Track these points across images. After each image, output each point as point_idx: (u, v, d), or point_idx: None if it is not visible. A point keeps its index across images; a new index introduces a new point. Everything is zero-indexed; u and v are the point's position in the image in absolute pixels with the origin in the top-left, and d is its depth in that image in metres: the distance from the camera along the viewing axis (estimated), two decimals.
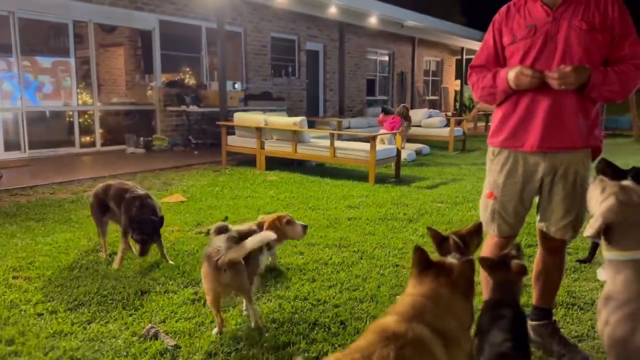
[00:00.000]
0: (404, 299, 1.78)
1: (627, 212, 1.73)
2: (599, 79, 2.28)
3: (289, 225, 3.30)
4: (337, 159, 8.08)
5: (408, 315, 1.64)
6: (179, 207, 5.79)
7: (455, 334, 1.68)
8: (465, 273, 1.85)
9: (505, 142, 2.54)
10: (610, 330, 1.72)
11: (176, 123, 11.17)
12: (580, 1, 2.37)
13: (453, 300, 1.76)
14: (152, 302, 3.21)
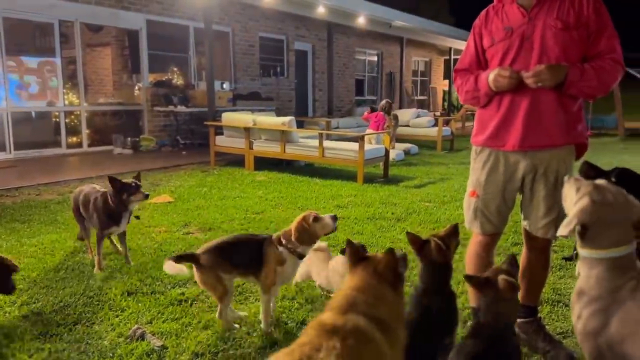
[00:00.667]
0: (337, 294, 1.82)
1: (601, 212, 1.75)
2: (576, 76, 2.31)
3: (317, 222, 2.87)
4: (325, 159, 8.08)
5: (342, 308, 1.69)
6: (167, 207, 5.76)
7: (389, 322, 1.72)
8: (390, 265, 1.86)
9: (488, 142, 2.57)
10: (582, 325, 1.75)
11: (164, 123, 11.11)
12: (554, 0, 2.40)
13: (381, 290, 1.80)
14: (138, 302, 3.19)
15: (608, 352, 1.69)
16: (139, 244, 4.40)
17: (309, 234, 2.85)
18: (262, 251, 2.86)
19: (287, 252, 2.83)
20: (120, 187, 3.69)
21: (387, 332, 1.68)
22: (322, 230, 2.89)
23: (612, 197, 1.78)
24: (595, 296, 1.74)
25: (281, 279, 2.88)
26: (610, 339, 1.68)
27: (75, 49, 9.94)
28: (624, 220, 1.76)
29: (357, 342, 1.55)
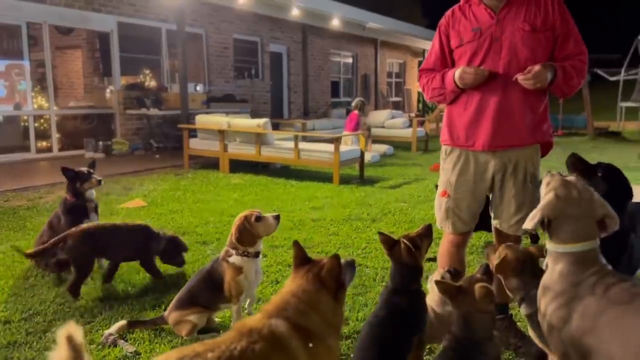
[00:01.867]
0: (275, 296, 1.80)
1: (565, 207, 1.79)
2: (561, 75, 2.38)
3: (260, 222, 2.77)
4: (301, 161, 8.08)
5: (270, 312, 1.68)
6: (140, 212, 5.68)
7: (317, 332, 1.68)
8: (333, 270, 1.78)
9: (457, 142, 2.61)
10: (547, 319, 1.79)
11: (137, 126, 10.95)
12: (521, 3, 2.46)
13: (318, 297, 1.74)
14: (111, 309, 3.14)
15: (571, 347, 1.72)
16: None
17: (250, 234, 2.75)
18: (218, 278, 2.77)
19: (241, 257, 2.74)
20: (73, 176, 3.73)
21: (310, 342, 1.64)
22: (264, 231, 2.78)
23: (578, 193, 1.82)
24: (559, 291, 1.77)
25: (247, 286, 2.79)
26: (572, 333, 1.71)
27: (44, 51, 9.74)
28: (587, 217, 1.80)
29: (267, 348, 1.53)
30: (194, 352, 1.44)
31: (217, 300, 2.79)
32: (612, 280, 1.72)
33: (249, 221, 2.76)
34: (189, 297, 2.78)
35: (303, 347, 1.61)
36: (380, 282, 3.63)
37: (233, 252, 2.76)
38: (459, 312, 1.87)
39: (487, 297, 1.83)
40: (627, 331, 1.61)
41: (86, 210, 3.74)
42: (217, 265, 2.80)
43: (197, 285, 2.82)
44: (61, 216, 3.74)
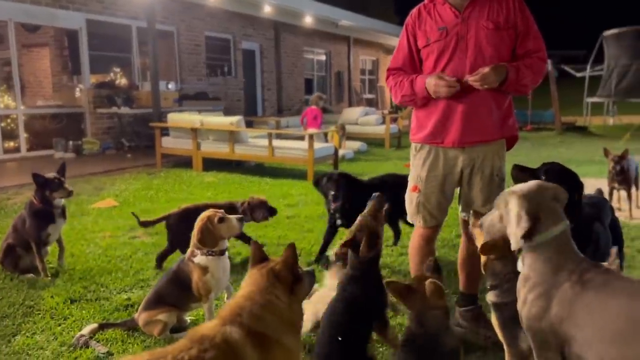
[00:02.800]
0: (230, 300, 1.75)
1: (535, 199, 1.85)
2: (514, 75, 2.45)
3: (223, 223, 2.74)
4: (275, 159, 8.08)
5: (224, 318, 1.64)
6: (111, 212, 5.61)
7: (274, 334, 1.64)
8: (288, 261, 1.73)
9: (427, 139, 2.66)
10: (527, 309, 1.84)
11: (108, 125, 10.78)
12: (484, 1, 2.52)
13: (273, 293, 1.69)
14: (82, 310, 3.10)
15: (550, 335, 1.77)
16: (82, 249, 4.27)
17: (212, 235, 2.71)
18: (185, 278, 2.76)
19: (206, 257, 2.72)
20: (43, 183, 3.64)
21: (267, 345, 1.61)
22: (227, 232, 2.76)
23: (526, 187, 1.91)
24: (538, 280, 1.81)
25: (216, 285, 2.77)
26: (551, 321, 1.75)
27: (10, 49, 9.50)
28: (546, 200, 1.87)
29: (217, 356, 1.50)
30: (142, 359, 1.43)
31: (186, 300, 2.79)
32: (588, 266, 1.78)
33: (212, 222, 2.73)
34: (157, 297, 2.77)
35: (259, 354, 1.58)
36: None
37: (198, 252, 2.74)
38: (413, 310, 1.90)
39: (437, 293, 1.87)
40: (600, 315, 1.66)
41: (52, 216, 3.67)
42: (184, 266, 2.78)
43: (165, 285, 2.81)
44: (26, 218, 3.66)
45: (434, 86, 2.49)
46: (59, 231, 3.77)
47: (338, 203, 3.85)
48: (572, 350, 1.74)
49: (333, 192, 3.85)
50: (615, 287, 1.69)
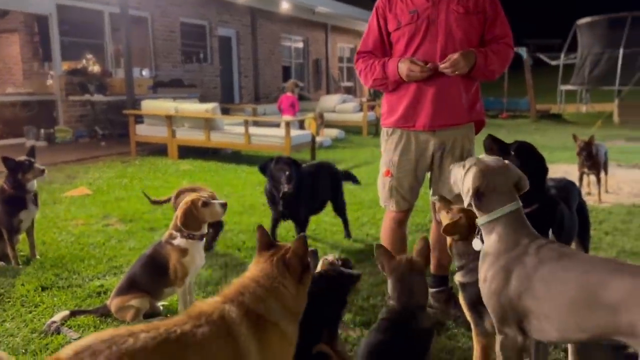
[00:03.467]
0: (237, 279, 1.76)
1: (488, 176, 1.92)
2: (482, 60, 2.50)
3: (206, 207, 2.77)
4: (252, 146, 8.05)
5: (227, 296, 1.66)
6: (84, 200, 5.54)
7: (274, 317, 1.66)
8: (299, 252, 1.74)
9: (398, 123, 2.69)
10: (487, 285, 1.89)
11: (80, 113, 10.57)
12: None
13: (282, 282, 1.70)
14: (54, 297, 3.07)
15: (509, 310, 1.82)
16: (54, 237, 4.21)
17: (196, 219, 2.74)
18: (161, 261, 2.76)
19: (185, 240, 2.74)
20: (14, 166, 3.56)
21: (264, 330, 1.62)
22: (210, 217, 2.80)
23: (493, 163, 1.97)
24: (496, 256, 1.87)
25: (192, 268, 2.79)
26: (510, 295, 1.81)
27: None
28: (506, 181, 1.93)
29: (210, 333, 1.51)
30: (129, 331, 1.42)
31: (160, 285, 2.78)
32: (543, 242, 1.84)
33: (196, 206, 2.76)
34: (130, 282, 2.76)
35: (253, 335, 1.59)
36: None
37: (177, 235, 2.75)
38: (395, 277, 1.94)
39: (425, 252, 1.97)
40: (556, 287, 1.71)
41: (24, 202, 3.60)
42: (160, 249, 2.79)
43: (138, 270, 2.80)
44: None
45: (407, 70, 2.51)
46: (31, 218, 3.70)
47: (292, 184, 3.73)
48: (531, 324, 1.80)
49: (287, 173, 3.72)
50: (570, 261, 1.75)
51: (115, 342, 1.36)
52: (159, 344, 1.41)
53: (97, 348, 1.33)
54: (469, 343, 2.58)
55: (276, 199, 3.90)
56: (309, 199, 4.02)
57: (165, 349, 1.42)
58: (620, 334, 1.60)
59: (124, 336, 1.39)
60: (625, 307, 1.56)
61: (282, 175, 3.75)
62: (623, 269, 1.68)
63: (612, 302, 1.59)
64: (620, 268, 1.69)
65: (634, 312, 1.54)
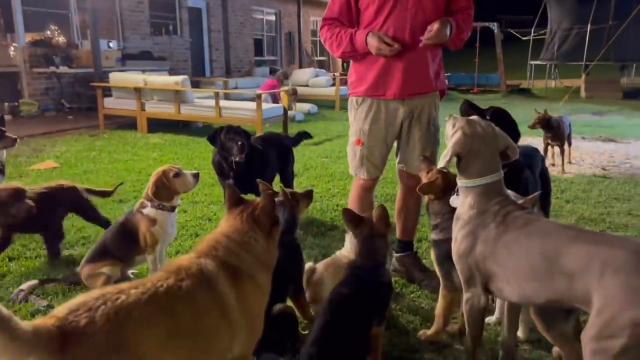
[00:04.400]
0: (208, 235, 1.81)
1: (472, 143, 1.95)
2: (456, 29, 2.54)
3: (178, 177, 2.77)
4: (223, 119, 7.96)
5: (200, 251, 1.70)
6: (51, 173, 5.45)
7: (248, 269, 1.71)
8: (267, 208, 1.79)
9: (368, 91, 2.72)
10: (457, 246, 1.97)
11: (46, 86, 10.28)
12: None
13: (252, 236, 1.75)
14: (22, 267, 3.06)
15: (476, 271, 1.91)
16: None
17: (167, 189, 2.74)
18: (132, 229, 2.77)
19: (156, 210, 2.75)
20: None
21: (240, 281, 1.67)
22: (182, 187, 2.79)
23: (482, 129, 1.98)
24: (467, 220, 1.94)
25: (162, 237, 2.80)
26: (476, 258, 1.89)
27: None
28: (492, 150, 1.96)
29: (193, 285, 1.56)
30: (118, 289, 1.44)
31: (131, 252, 2.80)
32: (512, 209, 1.90)
33: (167, 177, 2.76)
34: (101, 250, 2.77)
35: (230, 285, 1.64)
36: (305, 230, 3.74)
37: (148, 204, 2.76)
38: (360, 238, 2.04)
39: (384, 219, 2.06)
40: (518, 254, 1.79)
41: None
42: (131, 217, 2.80)
43: (109, 238, 2.81)
44: None
45: (376, 48, 2.53)
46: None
47: (245, 153, 3.58)
48: (494, 286, 1.89)
49: (240, 143, 3.55)
50: (533, 228, 1.82)
51: (108, 299, 1.38)
52: (149, 297, 1.45)
53: (92, 305, 1.36)
54: (432, 304, 2.69)
55: (225, 171, 3.72)
56: (260, 170, 3.82)
57: (157, 302, 1.46)
58: (576, 301, 1.66)
59: (114, 293, 1.41)
60: (580, 274, 1.62)
61: (233, 145, 3.58)
62: (581, 236, 1.74)
63: (569, 270, 1.65)
64: (578, 236, 1.74)
65: (589, 279, 1.60)
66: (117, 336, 1.35)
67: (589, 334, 1.61)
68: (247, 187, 3.85)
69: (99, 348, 1.32)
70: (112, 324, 1.35)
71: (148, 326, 1.42)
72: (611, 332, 1.55)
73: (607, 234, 2.89)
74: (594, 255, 1.62)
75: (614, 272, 1.57)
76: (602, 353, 1.57)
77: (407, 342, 2.34)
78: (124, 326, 1.37)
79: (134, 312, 1.39)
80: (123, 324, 1.36)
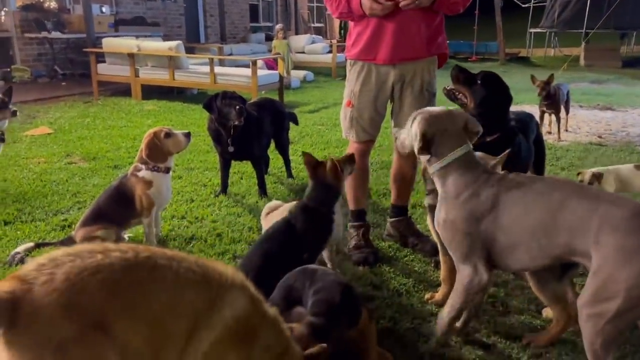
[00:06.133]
0: None
1: (434, 123, 1.95)
2: None
3: (169, 138, 2.81)
4: (218, 85, 7.88)
5: None
6: (45, 139, 5.42)
7: None
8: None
9: (360, 55, 2.71)
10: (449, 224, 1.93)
11: (38, 52, 10.12)
12: None
13: None
14: (17, 231, 3.07)
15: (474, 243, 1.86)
16: (15, 175, 4.15)
17: (160, 150, 2.78)
18: (127, 192, 2.78)
19: (151, 172, 2.77)
20: None
21: None
22: (174, 147, 2.83)
23: (438, 112, 2.01)
24: (457, 194, 1.91)
25: (158, 200, 2.83)
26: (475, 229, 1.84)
27: None
28: (454, 127, 1.97)
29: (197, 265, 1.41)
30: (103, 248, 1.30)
31: (126, 216, 2.81)
32: (499, 175, 1.90)
33: (158, 137, 2.79)
34: (96, 213, 2.77)
35: None
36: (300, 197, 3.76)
37: (142, 167, 2.77)
38: (314, 181, 2.31)
39: (334, 169, 2.27)
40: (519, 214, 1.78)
41: None
42: (126, 180, 2.81)
43: (104, 201, 2.81)
44: None
45: (369, 8, 2.52)
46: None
47: (243, 117, 3.56)
48: (497, 254, 1.86)
49: (238, 107, 3.51)
50: (530, 185, 1.82)
51: (81, 256, 1.23)
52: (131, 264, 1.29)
53: (62, 260, 1.22)
54: (425, 267, 2.72)
55: (223, 138, 3.70)
56: (257, 136, 3.86)
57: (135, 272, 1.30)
58: (579, 256, 1.67)
59: (95, 252, 1.27)
60: (580, 231, 1.63)
61: (231, 110, 3.55)
62: (583, 191, 1.74)
63: (570, 225, 1.65)
64: (580, 190, 1.75)
65: (587, 236, 1.61)
66: (72, 298, 1.17)
67: (584, 297, 1.62)
68: (243, 153, 3.87)
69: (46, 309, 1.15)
70: (70, 283, 1.18)
71: (116, 295, 1.24)
72: (606, 294, 1.56)
73: (609, 193, 2.90)
74: (593, 211, 1.62)
75: (611, 230, 1.57)
76: (597, 317, 1.58)
77: (400, 304, 2.37)
78: (83, 287, 1.19)
79: (100, 275, 1.22)
80: (83, 284, 1.19)
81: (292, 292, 1.81)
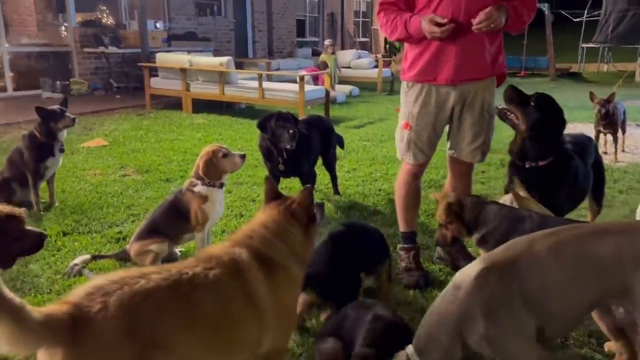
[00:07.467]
0: (244, 225, 1.81)
1: None
2: (513, 12, 2.46)
3: (226, 158, 2.88)
4: (266, 100, 8.02)
5: (235, 240, 1.69)
6: (101, 151, 5.62)
7: (282, 260, 1.70)
8: (304, 202, 1.77)
9: (419, 76, 2.67)
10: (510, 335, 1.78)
11: (95, 66, 10.57)
12: None
13: (289, 228, 1.74)
14: (75, 242, 3.18)
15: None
16: (73, 186, 4.32)
17: (216, 169, 2.84)
18: (182, 207, 2.85)
19: (206, 187, 2.83)
20: (47, 115, 3.67)
21: (273, 271, 1.66)
22: (230, 167, 2.90)
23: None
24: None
25: (212, 214, 2.89)
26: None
27: None
28: None
29: (221, 274, 1.55)
30: (140, 272, 1.45)
31: (179, 230, 2.88)
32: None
33: (216, 157, 2.86)
34: (150, 227, 2.85)
35: (263, 276, 1.63)
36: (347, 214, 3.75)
37: (198, 183, 2.84)
38: None
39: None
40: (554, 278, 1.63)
41: (52, 149, 3.72)
42: (181, 196, 2.88)
43: (159, 216, 2.89)
44: (24, 151, 3.69)
45: (429, 31, 2.47)
46: (56, 166, 3.84)
47: (295, 141, 3.61)
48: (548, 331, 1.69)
49: (291, 131, 3.58)
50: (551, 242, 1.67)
51: (126, 283, 1.37)
52: (170, 284, 1.43)
53: (109, 288, 1.34)
54: None
55: (274, 156, 3.76)
56: (306, 153, 3.91)
57: (177, 289, 1.44)
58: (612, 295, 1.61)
59: (135, 277, 1.40)
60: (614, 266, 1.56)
61: (284, 132, 3.62)
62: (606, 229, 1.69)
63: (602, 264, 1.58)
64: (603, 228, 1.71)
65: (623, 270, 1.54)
66: (130, 323, 1.31)
67: None
68: (294, 170, 3.91)
69: (109, 335, 1.29)
70: (126, 309, 1.31)
71: (164, 313, 1.39)
72: None
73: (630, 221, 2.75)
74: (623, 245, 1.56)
75: None
76: None
77: None
78: (138, 312, 1.34)
79: (150, 298, 1.37)
80: (137, 310, 1.34)
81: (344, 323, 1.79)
